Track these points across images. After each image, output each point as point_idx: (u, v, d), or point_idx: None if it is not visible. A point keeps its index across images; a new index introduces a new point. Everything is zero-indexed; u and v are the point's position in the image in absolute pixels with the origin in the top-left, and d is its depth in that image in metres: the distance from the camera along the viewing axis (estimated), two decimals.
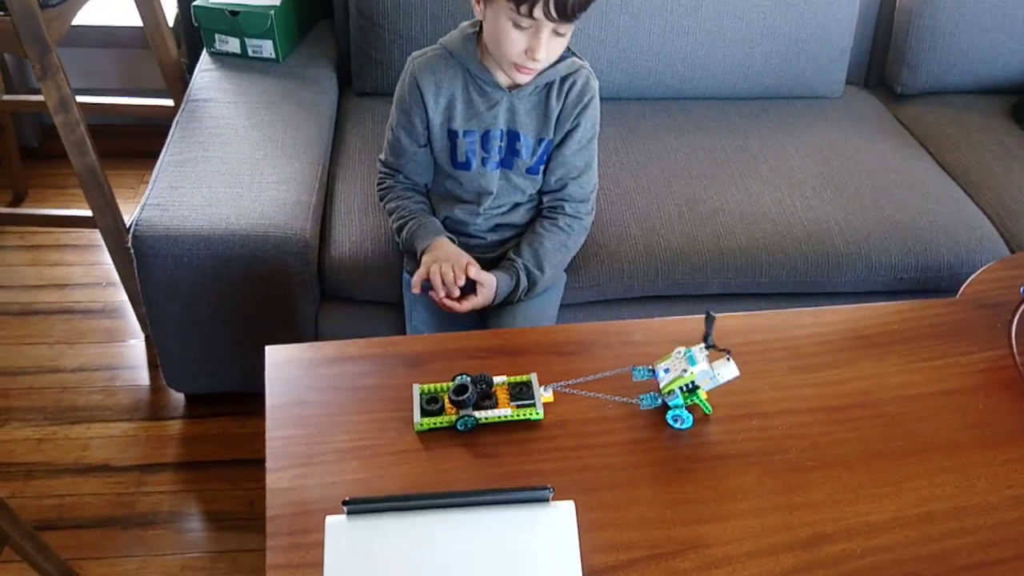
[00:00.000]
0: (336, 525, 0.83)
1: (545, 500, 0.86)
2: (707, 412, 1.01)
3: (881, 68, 2.11)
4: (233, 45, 1.89)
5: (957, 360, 1.13)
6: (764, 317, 1.19)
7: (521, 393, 1.01)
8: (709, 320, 0.98)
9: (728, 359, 0.98)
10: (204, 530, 1.54)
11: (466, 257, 1.34)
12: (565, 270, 1.50)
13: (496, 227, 1.43)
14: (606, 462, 0.97)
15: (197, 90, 1.79)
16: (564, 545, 0.84)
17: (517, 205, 1.42)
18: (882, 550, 0.89)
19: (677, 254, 1.55)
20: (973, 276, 1.29)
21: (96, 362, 1.84)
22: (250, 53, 1.89)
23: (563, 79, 1.34)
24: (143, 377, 1.82)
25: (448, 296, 1.31)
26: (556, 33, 1.23)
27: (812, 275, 1.56)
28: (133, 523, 1.54)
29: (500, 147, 1.37)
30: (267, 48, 1.88)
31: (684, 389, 0.98)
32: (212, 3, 1.86)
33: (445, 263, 1.31)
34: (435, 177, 1.44)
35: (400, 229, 1.40)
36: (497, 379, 1.03)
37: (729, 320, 1.18)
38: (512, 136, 1.36)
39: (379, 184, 1.46)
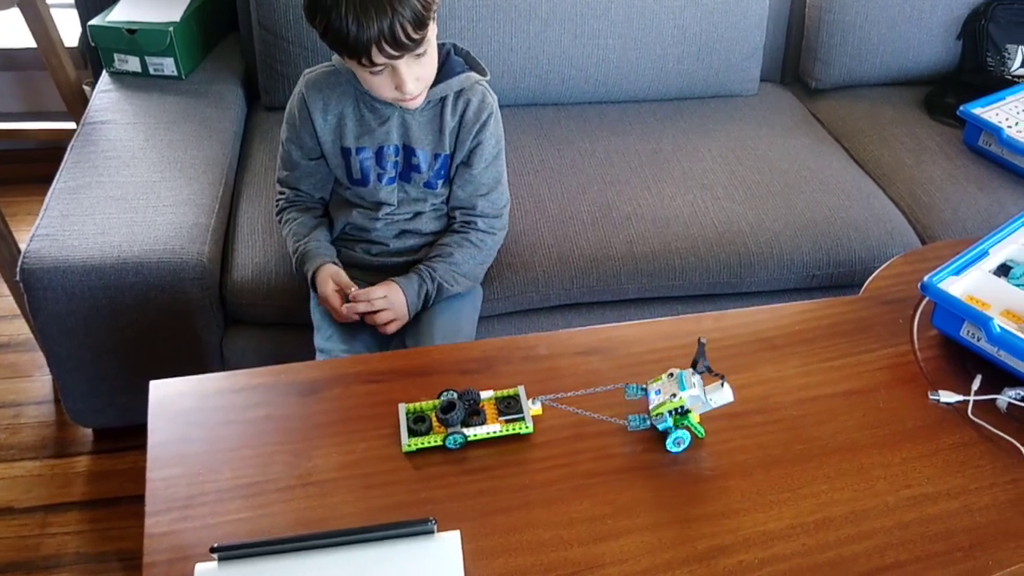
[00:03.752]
0: (206, 574, 0.79)
1: (430, 532, 0.83)
2: (700, 436, 0.98)
3: (796, 64, 2.12)
4: (133, 64, 1.83)
5: (858, 359, 1.12)
6: (666, 324, 1.18)
7: (509, 407, 1.00)
8: (700, 346, 0.95)
9: (723, 384, 0.96)
10: (113, 570, 1.47)
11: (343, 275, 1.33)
12: (481, 283, 1.47)
13: (401, 233, 1.40)
14: (494, 486, 0.94)
15: (95, 112, 1.72)
16: None
17: (419, 213, 1.39)
18: (779, 559, 0.88)
19: (591, 261, 1.53)
20: (876, 272, 1.30)
21: (0, 399, 1.77)
22: (151, 71, 1.83)
23: (457, 94, 1.31)
24: (49, 413, 1.74)
25: (367, 311, 1.29)
26: (415, 56, 1.19)
27: (725, 276, 1.55)
28: (37, 567, 1.47)
29: (396, 162, 1.34)
30: (168, 65, 1.82)
31: (674, 413, 0.95)
32: (108, 22, 1.80)
33: (334, 295, 1.30)
34: (333, 187, 1.41)
35: (293, 252, 1.37)
36: (484, 394, 1.01)
37: (630, 328, 1.16)
38: (408, 151, 1.34)
39: (276, 205, 1.43)
